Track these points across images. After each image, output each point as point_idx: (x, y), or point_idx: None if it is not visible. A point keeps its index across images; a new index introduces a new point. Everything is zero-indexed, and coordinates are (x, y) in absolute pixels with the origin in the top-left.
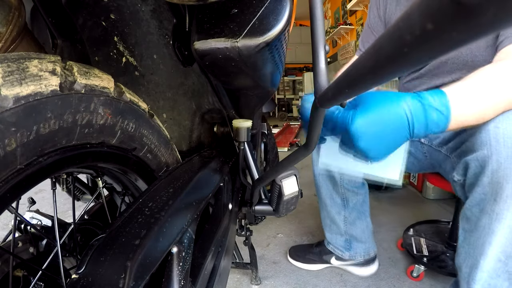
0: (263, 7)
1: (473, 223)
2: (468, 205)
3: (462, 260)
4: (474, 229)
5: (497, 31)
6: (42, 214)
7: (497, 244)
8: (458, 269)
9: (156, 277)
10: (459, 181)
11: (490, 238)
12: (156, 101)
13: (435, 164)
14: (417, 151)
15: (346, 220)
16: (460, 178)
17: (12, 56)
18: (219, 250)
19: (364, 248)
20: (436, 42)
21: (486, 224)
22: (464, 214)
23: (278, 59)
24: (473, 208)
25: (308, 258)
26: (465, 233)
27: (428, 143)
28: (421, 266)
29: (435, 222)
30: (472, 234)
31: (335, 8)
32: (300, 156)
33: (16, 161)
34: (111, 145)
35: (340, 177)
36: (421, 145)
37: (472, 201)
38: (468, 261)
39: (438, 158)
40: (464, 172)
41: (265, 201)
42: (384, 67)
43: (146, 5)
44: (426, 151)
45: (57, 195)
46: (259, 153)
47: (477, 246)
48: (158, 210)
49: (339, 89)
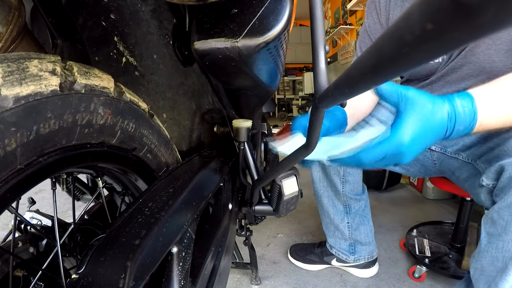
0: (263, 7)
1: (502, 227)
2: (497, 207)
3: (487, 264)
4: (503, 233)
5: (497, 31)
6: (42, 214)
7: None
8: (477, 272)
9: (156, 277)
10: (488, 186)
11: None
12: (156, 101)
13: (445, 171)
14: (426, 158)
15: (350, 227)
16: (490, 183)
17: (12, 56)
18: (219, 250)
19: (368, 250)
20: (436, 42)
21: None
22: (490, 217)
23: (278, 59)
24: (501, 210)
25: (308, 259)
26: (490, 236)
27: (441, 151)
28: (422, 267)
29: (439, 223)
30: (501, 237)
31: (335, 8)
32: (300, 156)
33: (16, 161)
34: (111, 145)
35: (342, 186)
36: (431, 153)
37: (503, 204)
38: (496, 265)
39: (451, 165)
40: (497, 176)
41: (265, 201)
42: (384, 67)
43: (146, 5)
44: (436, 158)
45: (57, 195)
46: (259, 153)
47: (507, 250)
48: (158, 210)
49: (339, 89)
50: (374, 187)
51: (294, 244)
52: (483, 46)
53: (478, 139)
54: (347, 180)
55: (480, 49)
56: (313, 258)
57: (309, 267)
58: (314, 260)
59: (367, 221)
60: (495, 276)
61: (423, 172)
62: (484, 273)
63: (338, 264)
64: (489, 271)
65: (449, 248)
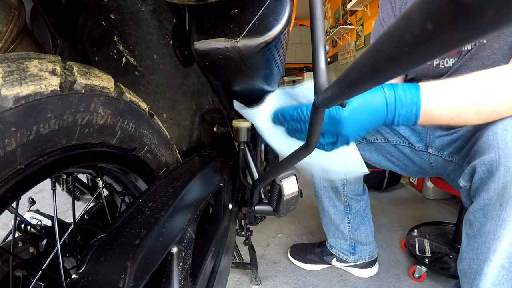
0: (263, 7)
1: (477, 228)
2: (472, 209)
3: (466, 266)
4: (478, 235)
5: (497, 31)
6: (42, 214)
7: (501, 250)
8: (461, 274)
9: (156, 277)
10: (465, 187)
11: (494, 245)
12: (156, 101)
13: (442, 174)
14: (423, 161)
15: (351, 227)
16: (466, 184)
17: (12, 56)
18: (219, 250)
19: (368, 250)
20: (436, 42)
21: (490, 230)
22: (468, 219)
23: (278, 59)
24: (476, 212)
25: (308, 259)
26: (468, 238)
27: (437, 154)
28: (422, 267)
29: (440, 224)
30: (476, 239)
31: (335, 8)
32: (300, 156)
33: (16, 161)
34: (111, 145)
35: (343, 186)
36: (427, 155)
37: (476, 206)
38: (472, 267)
39: (447, 168)
40: (470, 178)
41: (265, 201)
42: (384, 67)
43: (146, 5)
44: (433, 161)
45: (57, 195)
46: (259, 153)
47: (481, 252)
48: (158, 210)
49: (339, 89)
50: (374, 187)
51: (294, 244)
52: (490, 50)
53: (465, 141)
54: (348, 180)
55: (485, 52)
56: (313, 258)
57: (309, 267)
58: (314, 260)
59: (367, 221)
60: (473, 279)
61: (421, 172)
62: (465, 275)
63: (338, 264)
64: (469, 273)
65: (450, 249)
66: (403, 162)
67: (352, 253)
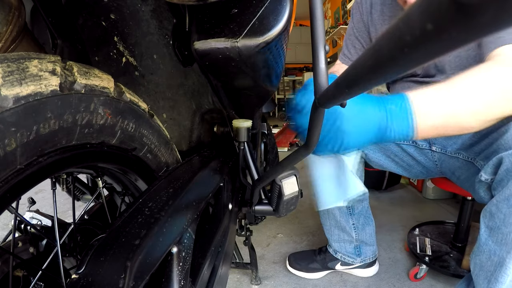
0: (263, 7)
1: (500, 219)
2: (495, 200)
3: (485, 259)
4: (502, 225)
5: (497, 31)
6: (42, 214)
7: None
8: (476, 268)
9: (156, 277)
10: (487, 180)
11: None
12: (156, 101)
13: (446, 172)
14: (427, 160)
15: (356, 228)
16: (488, 178)
17: (12, 56)
18: (219, 250)
19: (372, 250)
20: (436, 42)
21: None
22: (489, 211)
23: (278, 59)
24: (500, 203)
25: (311, 268)
26: (490, 230)
27: (441, 151)
28: (422, 265)
29: (442, 223)
30: (500, 230)
31: (335, 8)
32: (300, 156)
33: (16, 161)
34: (111, 145)
35: None
36: (431, 154)
37: (501, 197)
38: (493, 259)
39: (452, 165)
40: (495, 170)
41: (265, 201)
42: (384, 67)
43: (146, 5)
44: (437, 159)
45: (57, 195)
46: (259, 153)
47: (505, 243)
48: (158, 210)
49: (339, 89)
50: (374, 187)
51: (291, 254)
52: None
53: (477, 137)
54: None
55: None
56: (316, 266)
57: (312, 276)
58: (317, 268)
59: (370, 221)
60: (493, 271)
61: (424, 173)
62: (483, 268)
63: (342, 268)
64: (488, 266)
65: (451, 248)
66: (407, 163)
67: (358, 255)
